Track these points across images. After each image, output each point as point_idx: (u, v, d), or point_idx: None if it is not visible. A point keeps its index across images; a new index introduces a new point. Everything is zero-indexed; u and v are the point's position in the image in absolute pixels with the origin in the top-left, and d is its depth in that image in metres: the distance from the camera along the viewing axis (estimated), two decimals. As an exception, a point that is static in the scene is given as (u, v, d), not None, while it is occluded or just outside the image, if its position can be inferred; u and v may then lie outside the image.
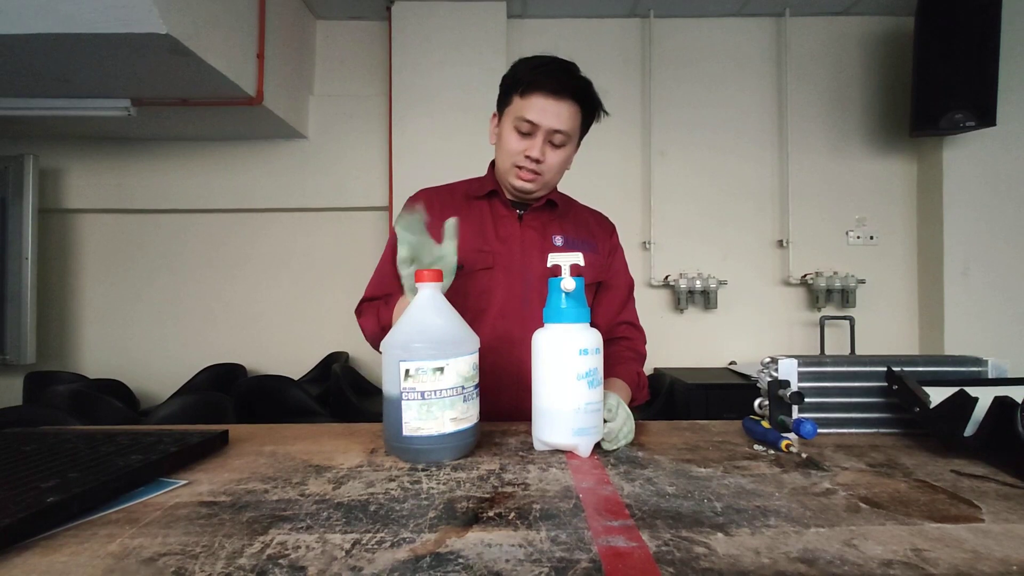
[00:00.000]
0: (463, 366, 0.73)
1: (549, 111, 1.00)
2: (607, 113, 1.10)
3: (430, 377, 0.71)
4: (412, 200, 1.17)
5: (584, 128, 1.09)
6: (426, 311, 0.76)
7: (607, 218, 1.26)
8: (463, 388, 0.73)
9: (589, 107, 1.06)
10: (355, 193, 3.04)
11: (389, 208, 2.91)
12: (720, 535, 0.49)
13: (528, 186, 1.07)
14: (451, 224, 0.89)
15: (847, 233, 3.07)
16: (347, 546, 0.47)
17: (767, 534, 0.50)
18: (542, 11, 3.05)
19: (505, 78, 1.07)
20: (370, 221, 3.07)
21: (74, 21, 1.81)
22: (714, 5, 3.01)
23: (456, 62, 2.89)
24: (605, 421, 0.79)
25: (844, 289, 2.96)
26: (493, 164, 1.15)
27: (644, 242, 3.03)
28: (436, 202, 1.13)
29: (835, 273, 2.97)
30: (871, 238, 3.06)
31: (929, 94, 2.63)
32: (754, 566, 0.44)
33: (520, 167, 1.05)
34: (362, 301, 1.15)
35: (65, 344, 3.10)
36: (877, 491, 0.61)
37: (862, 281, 2.98)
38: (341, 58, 3.14)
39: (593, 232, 1.19)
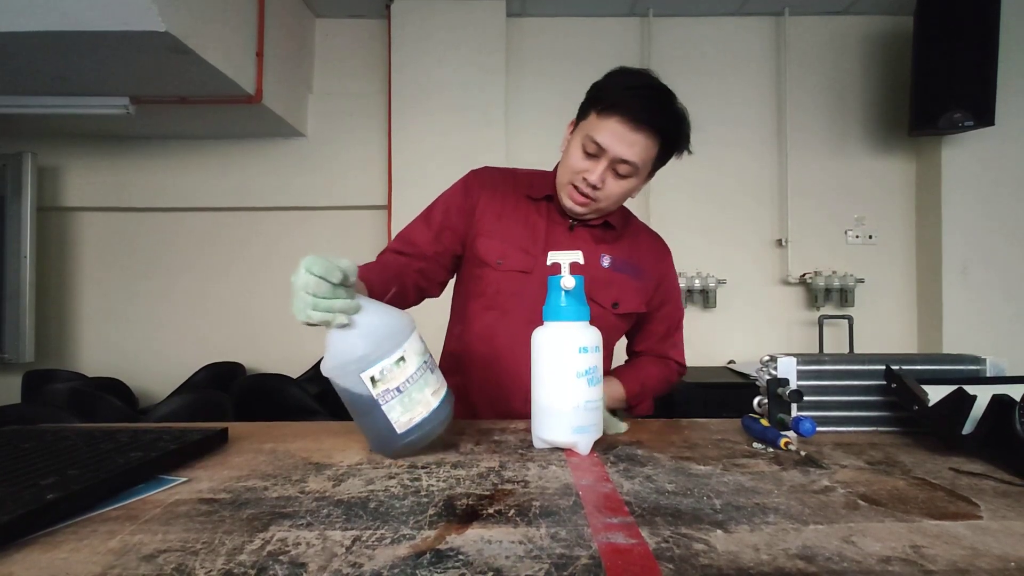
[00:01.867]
0: (417, 343, 0.74)
1: (622, 139, 0.92)
2: (691, 152, 1.01)
3: (396, 371, 0.71)
4: (476, 174, 1.12)
5: (660, 162, 1.01)
6: (357, 327, 0.72)
7: (662, 242, 1.16)
8: (425, 363, 0.74)
9: (670, 143, 0.97)
10: (354, 192, 3.04)
11: (388, 207, 2.91)
12: (719, 532, 0.50)
13: (579, 209, 1.01)
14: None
15: (846, 232, 3.08)
16: (347, 543, 0.47)
17: (766, 531, 0.50)
18: (541, 10, 3.05)
19: (593, 86, 1.00)
20: (369, 220, 3.06)
21: (73, 19, 1.80)
22: (713, 4, 3.01)
23: (455, 61, 2.88)
24: None
25: (843, 288, 2.97)
26: (558, 168, 1.08)
27: (643, 241, 3.03)
28: (498, 187, 1.09)
29: (834, 272, 2.97)
30: (870, 237, 3.07)
31: (928, 93, 2.64)
32: (753, 563, 0.44)
33: (576, 187, 0.98)
34: (387, 249, 1.08)
35: (64, 342, 3.10)
36: (876, 488, 0.61)
37: (861, 280, 2.98)
38: (340, 56, 3.14)
39: (643, 257, 1.10)
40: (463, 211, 1.07)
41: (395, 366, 0.70)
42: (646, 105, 0.92)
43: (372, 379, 0.70)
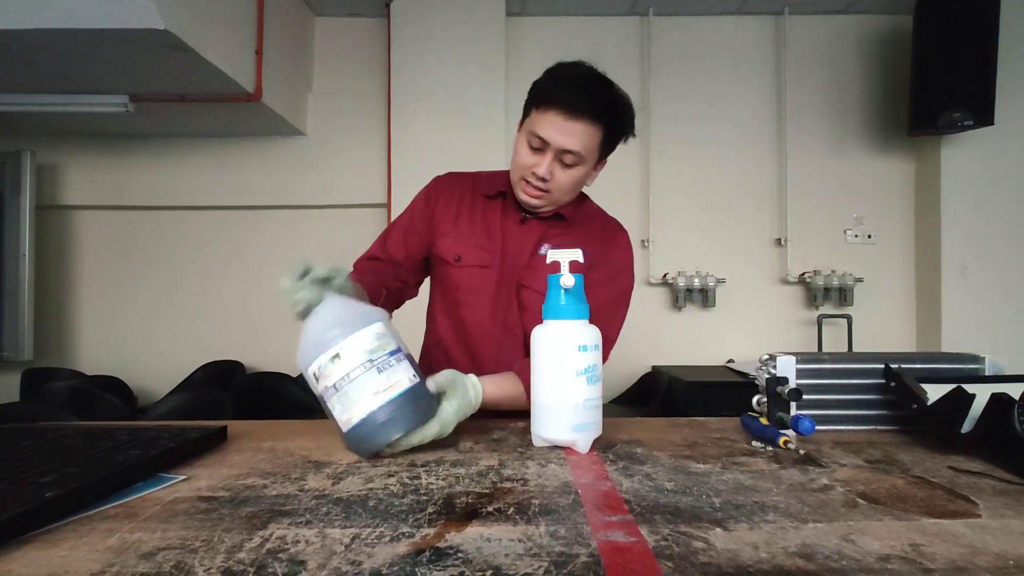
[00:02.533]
0: (360, 341, 0.71)
1: (562, 130, 0.94)
2: (634, 135, 1.04)
3: (332, 368, 0.70)
4: (436, 182, 1.17)
5: (606, 148, 1.02)
6: (309, 320, 0.75)
7: (614, 230, 1.14)
8: (371, 361, 0.71)
9: (613, 128, 0.99)
10: (353, 190, 3.04)
11: (388, 205, 2.91)
12: (718, 530, 0.50)
13: (534, 202, 1.04)
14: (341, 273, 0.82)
15: (845, 231, 3.08)
16: (346, 540, 0.47)
17: (765, 529, 0.50)
18: (541, 9, 3.05)
19: (532, 85, 1.01)
20: (368, 218, 3.06)
21: (72, 16, 1.80)
22: (713, 3, 3.01)
23: (455, 59, 2.88)
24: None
25: (842, 287, 2.97)
26: None
27: (643, 240, 3.03)
28: (455, 191, 1.15)
29: (833, 271, 2.98)
30: (869, 236, 3.07)
31: (928, 93, 2.64)
32: (752, 560, 0.44)
33: (527, 181, 1.01)
34: (362, 257, 1.15)
35: (63, 341, 3.10)
36: (875, 487, 0.61)
37: (860, 279, 2.98)
38: (340, 55, 3.13)
39: (589, 243, 1.07)
40: (424, 216, 1.14)
41: (330, 363, 0.70)
42: (581, 95, 0.94)
43: (314, 375, 0.72)
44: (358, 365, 0.70)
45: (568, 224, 1.12)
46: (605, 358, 0.92)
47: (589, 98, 0.95)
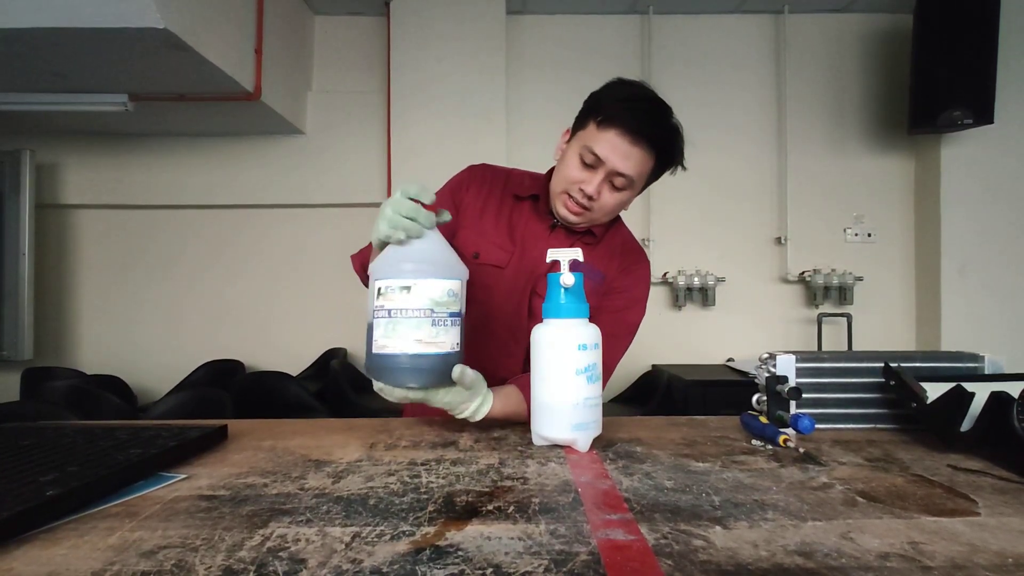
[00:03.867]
0: (434, 289, 0.72)
1: (620, 152, 0.92)
2: (684, 168, 1.01)
3: (397, 295, 0.71)
4: (470, 171, 1.14)
5: (654, 176, 1.00)
6: (406, 242, 0.75)
7: (637, 256, 1.11)
8: (432, 311, 0.71)
9: (665, 158, 0.97)
10: (353, 189, 3.04)
11: (387, 204, 2.91)
12: (718, 528, 0.50)
13: (572, 218, 1.00)
14: (444, 217, 0.82)
15: (845, 230, 3.08)
16: (347, 539, 0.47)
17: (765, 527, 0.50)
18: (541, 7, 3.05)
19: (590, 97, 0.99)
20: (368, 217, 3.03)
21: (71, 15, 1.80)
22: (713, 2, 3.01)
23: (455, 58, 2.88)
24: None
25: (842, 286, 2.97)
26: (551, 172, 1.07)
27: (643, 239, 3.04)
28: (486, 185, 1.11)
29: (833, 270, 2.98)
30: (869, 235, 3.07)
31: (927, 92, 2.64)
32: (752, 558, 0.44)
33: (571, 196, 0.98)
34: (363, 250, 1.13)
35: (62, 340, 3.10)
36: (874, 485, 0.61)
37: (860, 278, 2.99)
38: (340, 54, 3.13)
39: (610, 264, 1.08)
40: (452, 204, 1.11)
41: (399, 291, 0.71)
42: (645, 119, 0.92)
43: (379, 290, 0.72)
44: (420, 308, 0.71)
45: (596, 241, 1.08)
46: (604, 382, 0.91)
47: (651, 124, 0.93)
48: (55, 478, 0.56)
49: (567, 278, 0.75)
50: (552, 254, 0.78)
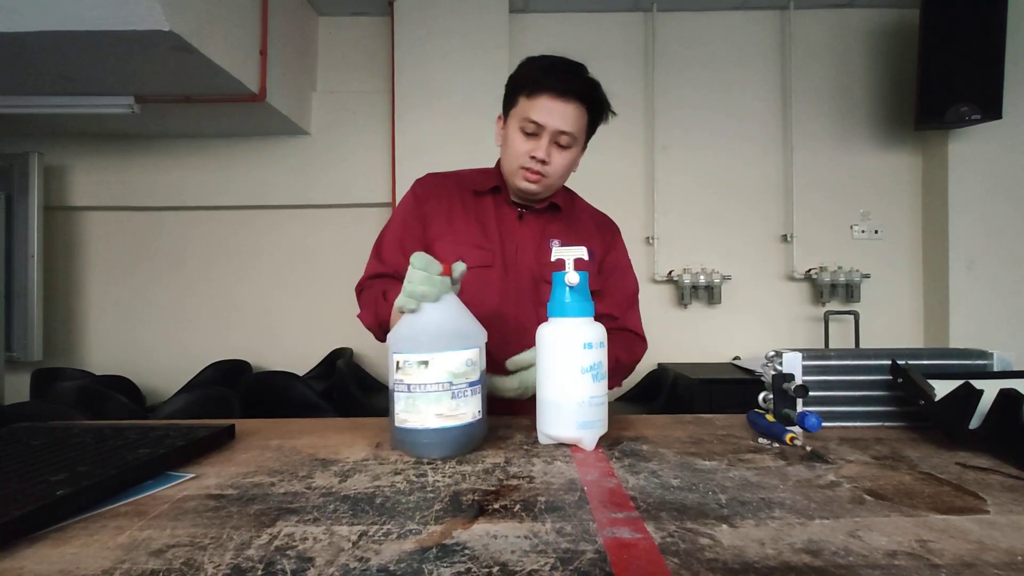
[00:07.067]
0: (452, 362, 0.72)
1: (555, 112, 1.00)
2: (615, 114, 1.09)
3: (415, 370, 0.71)
4: (420, 183, 1.16)
5: (591, 130, 1.08)
6: (430, 306, 0.76)
7: (610, 221, 1.22)
8: (451, 384, 0.71)
9: (596, 109, 1.05)
10: (358, 189, 3.05)
11: (392, 204, 2.91)
12: (725, 527, 0.50)
13: (533, 187, 1.07)
14: (459, 268, 0.82)
15: (852, 227, 3.06)
16: (354, 538, 0.48)
17: (772, 526, 0.50)
18: (544, 6, 3.05)
19: (511, 79, 1.07)
20: (373, 217, 3.07)
21: (77, 18, 1.81)
22: (717, -1, 2.99)
23: (459, 57, 2.88)
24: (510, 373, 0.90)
25: (848, 284, 2.95)
26: (499, 163, 1.14)
27: (647, 237, 3.03)
28: (443, 191, 1.13)
29: (839, 267, 2.96)
30: (876, 232, 3.05)
31: (934, 87, 2.62)
32: (759, 557, 0.44)
33: (526, 168, 1.04)
34: (364, 278, 1.12)
35: (71, 341, 3.13)
36: (882, 483, 0.61)
37: (867, 275, 2.97)
38: (344, 54, 3.14)
39: (588, 234, 1.15)
40: (418, 218, 1.13)
41: (417, 366, 0.71)
42: (568, 78, 1.00)
43: (397, 364, 0.72)
44: (438, 383, 0.71)
45: (566, 219, 1.15)
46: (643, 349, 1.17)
47: (574, 81, 1.01)
48: (65, 478, 0.56)
49: (572, 277, 0.75)
50: (557, 253, 0.79)
